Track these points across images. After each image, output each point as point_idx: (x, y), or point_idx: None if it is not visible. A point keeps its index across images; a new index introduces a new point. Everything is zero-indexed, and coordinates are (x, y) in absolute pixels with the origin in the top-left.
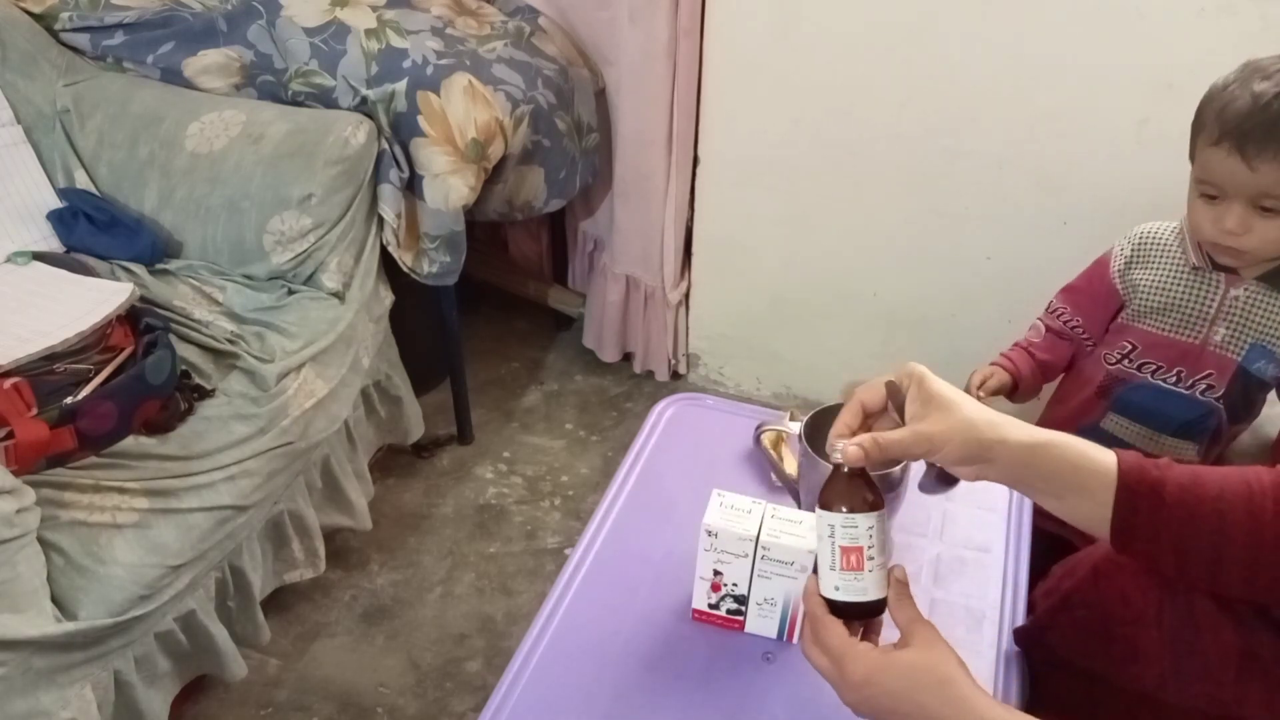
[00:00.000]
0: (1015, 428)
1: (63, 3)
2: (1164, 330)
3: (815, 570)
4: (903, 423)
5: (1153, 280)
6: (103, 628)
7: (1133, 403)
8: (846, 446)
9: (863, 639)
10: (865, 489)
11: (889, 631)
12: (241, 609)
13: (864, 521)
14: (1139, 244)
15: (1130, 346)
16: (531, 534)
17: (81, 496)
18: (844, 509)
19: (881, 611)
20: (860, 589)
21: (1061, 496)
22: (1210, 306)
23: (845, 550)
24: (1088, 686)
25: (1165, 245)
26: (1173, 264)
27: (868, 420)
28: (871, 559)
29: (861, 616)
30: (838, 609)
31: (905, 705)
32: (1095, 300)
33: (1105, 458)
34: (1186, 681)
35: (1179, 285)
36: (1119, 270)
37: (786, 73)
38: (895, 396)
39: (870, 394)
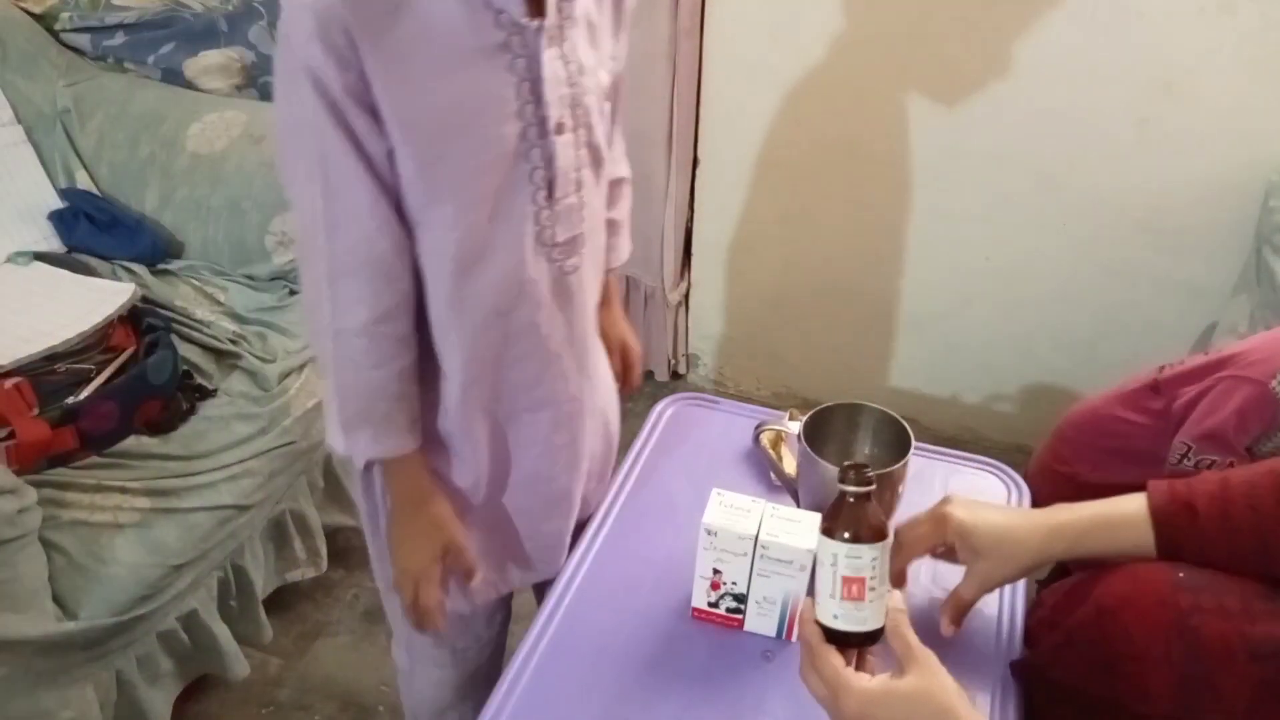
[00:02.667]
0: (1055, 527)
1: (63, 3)
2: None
3: (811, 593)
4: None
5: None
6: (104, 627)
7: None
8: (945, 626)
9: (858, 664)
10: (872, 517)
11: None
12: (243, 608)
13: (869, 553)
14: None
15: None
16: None
17: (83, 496)
18: (849, 538)
19: (878, 640)
20: (860, 619)
21: (1110, 557)
22: None
23: (847, 580)
24: (1092, 718)
25: None
26: None
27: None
28: (873, 589)
29: (859, 645)
30: (834, 637)
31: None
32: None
33: (1133, 505)
34: (1196, 715)
35: None
36: None
37: (786, 73)
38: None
39: (917, 549)
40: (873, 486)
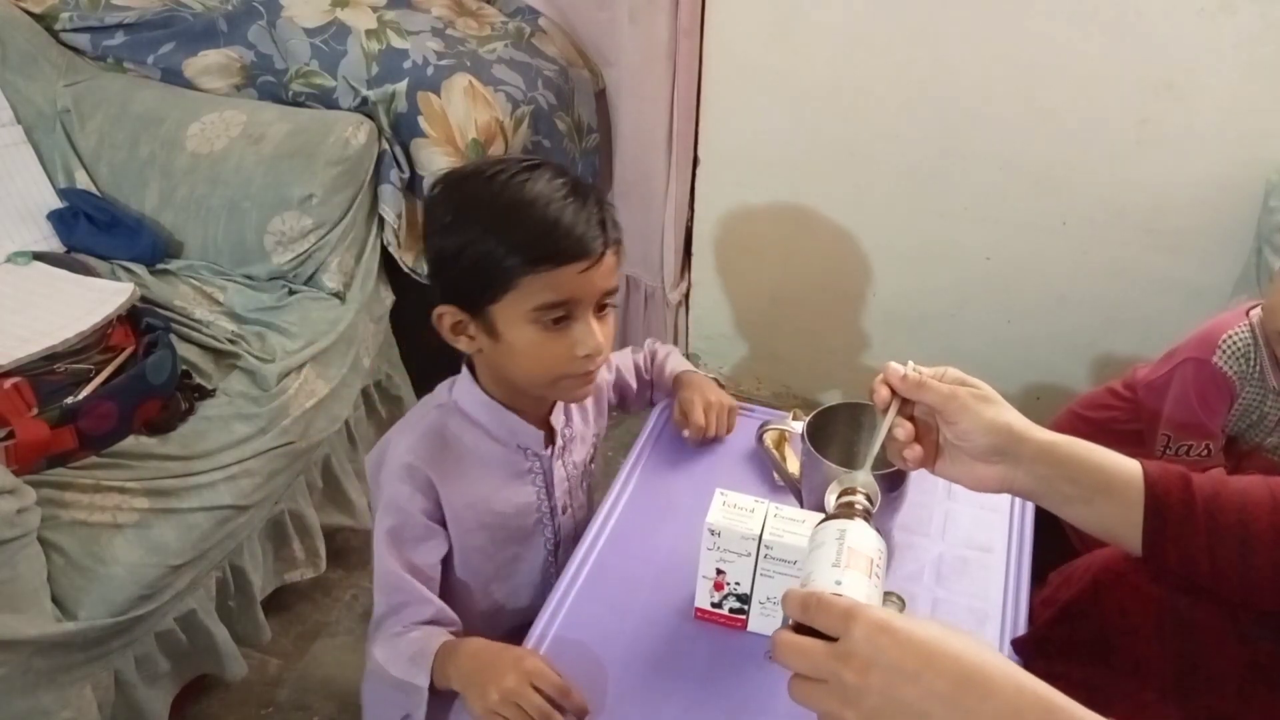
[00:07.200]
0: (1047, 433)
1: (63, 3)
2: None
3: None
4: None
5: (1243, 402)
6: (103, 628)
7: None
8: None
9: None
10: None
11: None
12: (242, 609)
13: (876, 541)
14: (1241, 362)
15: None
16: None
17: (82, 496)
18: (861, 518)
19: None
20: (865, 596)
21: (1090, 500)
22: (1274, 419)
23: (854, 551)
24: (1088, 698)
25: (1250, 365)
26: (1257, 386)
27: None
28: (877, 575)
29: None
30: None
31: (941, 649)
32: (1220, 410)
33: (1128, 463)
34: (1189, 695)
35: (1261, 405)
36: (1237, 382)
37: (786, 73)
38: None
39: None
40: (876, 507)
